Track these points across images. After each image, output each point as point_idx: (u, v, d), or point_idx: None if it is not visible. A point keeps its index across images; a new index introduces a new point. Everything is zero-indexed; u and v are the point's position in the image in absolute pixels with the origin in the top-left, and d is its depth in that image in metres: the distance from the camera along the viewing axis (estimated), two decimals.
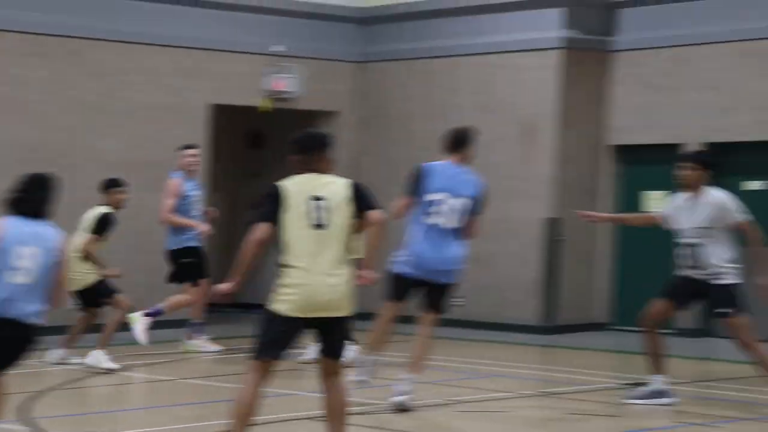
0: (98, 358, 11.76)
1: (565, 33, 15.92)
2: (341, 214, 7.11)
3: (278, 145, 18.41)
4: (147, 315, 12.20)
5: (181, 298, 12.88)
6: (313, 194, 7.09)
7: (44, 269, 7.18)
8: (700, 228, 9.85)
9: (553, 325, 15.72)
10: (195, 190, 13.16)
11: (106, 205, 12.15)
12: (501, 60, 16.33)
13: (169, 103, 15.91)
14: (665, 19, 15.84)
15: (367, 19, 17.61)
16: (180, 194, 12.95)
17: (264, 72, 16.56)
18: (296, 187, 7.13)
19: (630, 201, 15.90)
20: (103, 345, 11.82)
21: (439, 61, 16.88)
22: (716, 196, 9.98)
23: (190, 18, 16.14)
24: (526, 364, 12.87)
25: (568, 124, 15.96)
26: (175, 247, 12.95)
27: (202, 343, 13.34)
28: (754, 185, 15.30)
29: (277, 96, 16.68)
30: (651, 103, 15.90)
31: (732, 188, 15.43)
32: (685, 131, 15.52)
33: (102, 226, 11.96)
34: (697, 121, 15.47)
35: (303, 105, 17.05)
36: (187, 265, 13.00)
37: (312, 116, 17.50)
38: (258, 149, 18.56)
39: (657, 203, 15.04)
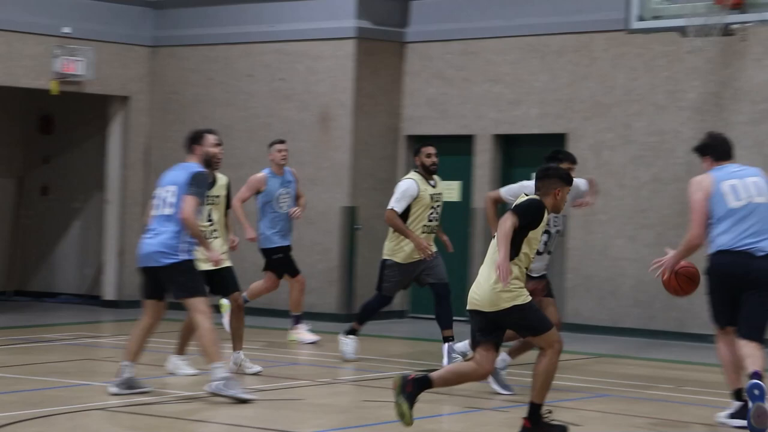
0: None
1: (358, 23, 16.09)
2: None
3: (68, 130, 18.03)
4: None
5: (260, 284, 13.14)
6: None
7: None
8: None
9: (352, 314, 15.81)
10: (283, 186, 13.06)
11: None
12: (297, 48, 16.39)
13: None
14: (454, 12, 16.18)
15: (159, 3, 17.39)
16: (257, 189, 12.95)
17: (54, 54, 16.18)
18: None
19: None
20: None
21: (236, 47, 16.80)
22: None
23: None
24: (325, 352, 12.93)
25: (364, 113, 16.13)
26: (267, 246, 13.01)
27: (303, 334, 13.42)
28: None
29: (67, 79, 16.30)
30: (442, 94, 16.21)
31: (521, 179, 16.00)
32: (476, 123, 15.91)
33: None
34: (487, 113, 15.87)
35: (94, 89, 16.71)
36: (277, 261, 13.13)
37: (104, 100, 17.19)
38: (47, 134, 18.11)
39: (450, 192, 15.41)
